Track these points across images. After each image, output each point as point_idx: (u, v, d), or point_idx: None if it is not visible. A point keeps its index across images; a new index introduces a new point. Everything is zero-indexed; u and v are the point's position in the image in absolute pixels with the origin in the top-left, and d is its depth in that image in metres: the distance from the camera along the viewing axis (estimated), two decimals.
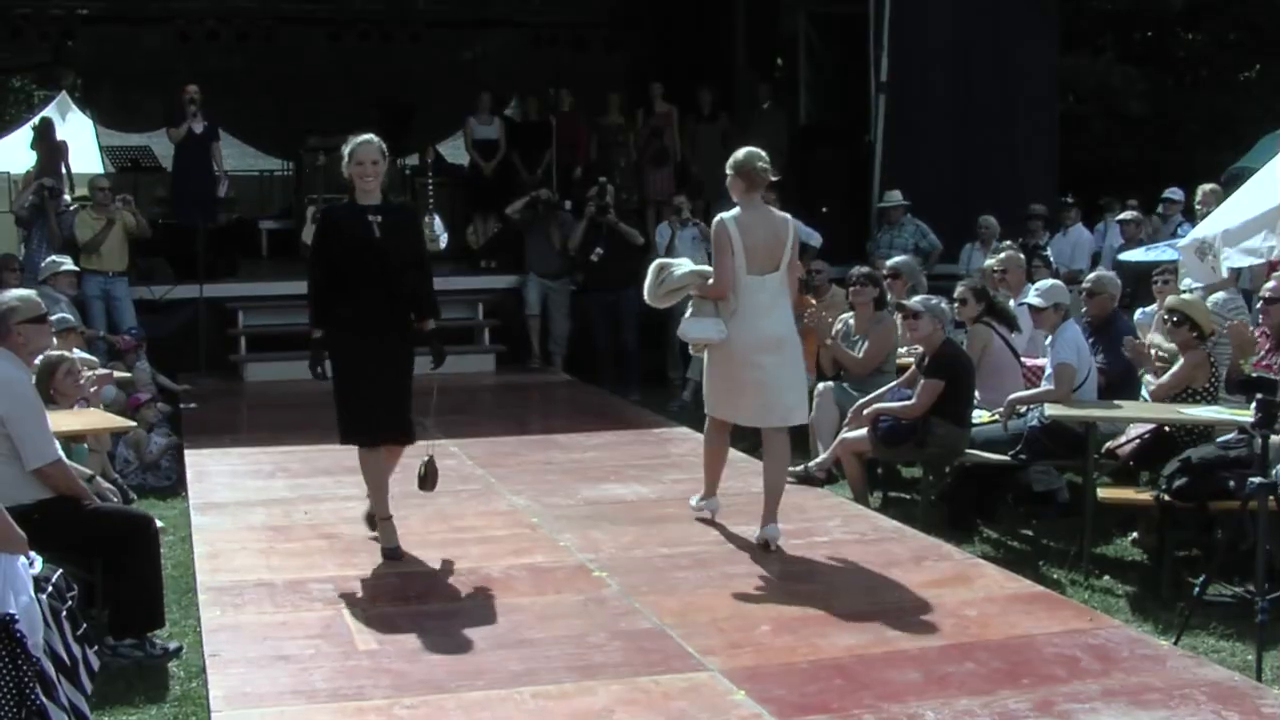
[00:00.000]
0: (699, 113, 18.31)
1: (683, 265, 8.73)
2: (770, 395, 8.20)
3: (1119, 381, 9.97)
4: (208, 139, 15.91)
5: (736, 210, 8.29)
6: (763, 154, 8.30)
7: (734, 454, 10.80)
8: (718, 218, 8.35)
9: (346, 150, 7.81)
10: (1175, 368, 9.16)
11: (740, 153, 8.36)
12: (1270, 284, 9.08)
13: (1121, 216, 15.67)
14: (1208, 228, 8.87)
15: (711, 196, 18.19)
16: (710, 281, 8.26)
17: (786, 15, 20.23)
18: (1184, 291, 10.06)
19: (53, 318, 10.03)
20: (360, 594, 7.29)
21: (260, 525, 8.77)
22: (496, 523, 8.80)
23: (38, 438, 6.72)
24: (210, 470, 10.39)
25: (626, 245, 15.35)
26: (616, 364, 15.20)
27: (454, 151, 20.75)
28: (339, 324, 7.77)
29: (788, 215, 8.61)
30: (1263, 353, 9.08)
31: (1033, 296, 9.72)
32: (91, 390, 9.73)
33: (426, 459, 8.32)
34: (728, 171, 8.36)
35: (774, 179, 8.48)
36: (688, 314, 8.47)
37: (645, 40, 22.21)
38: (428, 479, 8.35)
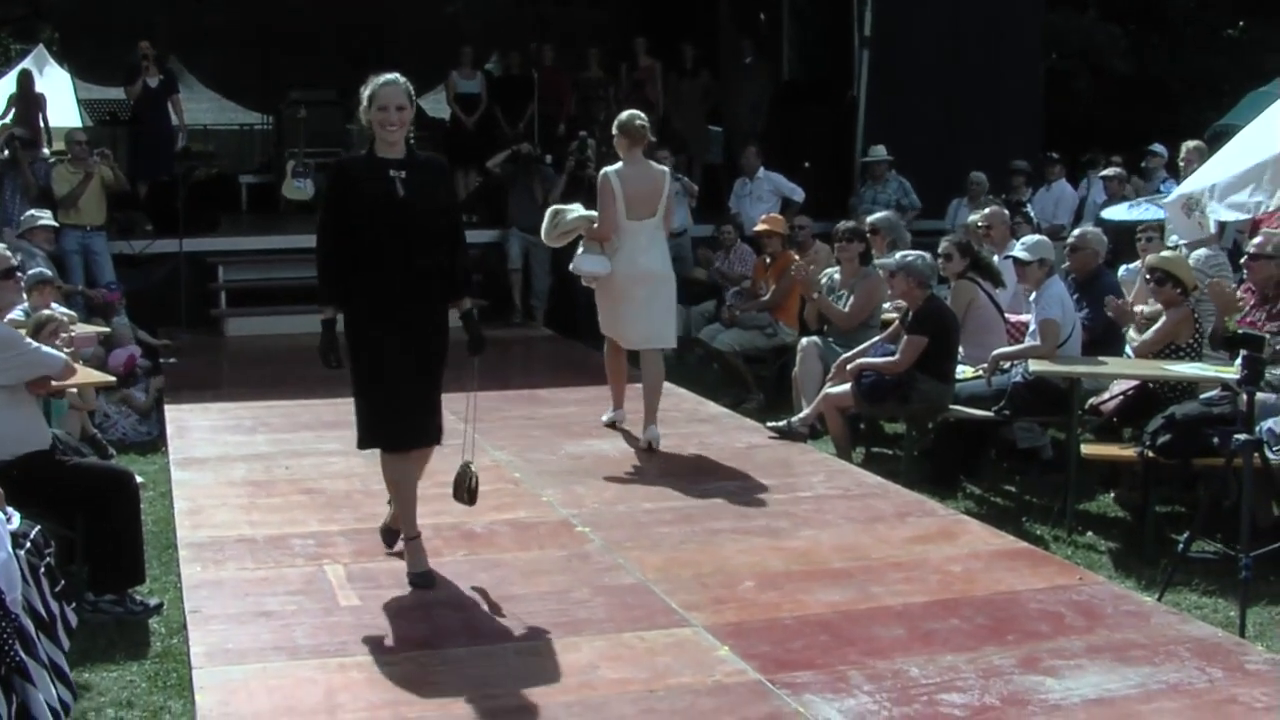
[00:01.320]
0: (681, 68, 18.26)
1: (574, 210, 9.96)
2: (644, 322, 9.69)
3: (1102, 338, 9.96)
4: (164, 93, 15.93)
5: (619, 165, 9.58)
6: (641, 115, 9.65)
7: (716, 408, 10.87)
8: (602, 172, 9.72)
9: (366, 93, 6.55)
10: (1159, 324, 9.14)
11: (623, 114, 9.69)
12: (1256, 239, 9.06)
13: (1105, 172, 15.64)
14: (1195, 183, 8.84)
15: (695, 151, 18.20)
16: (596, 226, 9.58)
17: None
18: (1169, 248, 10.04)
19: (30, 272, 9.96)
20: (342, 549, 7.25)
21: (241, 480, 8.72)
22: (480, 478, 8.75)
23: (39, 359, 7.04)
24: (191, 425, 10.34)
25: None
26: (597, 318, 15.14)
27: (435, 105, 20.64)
28: (354, 303, 6.53)
29: (666, 169, 9.93)
30: (1248, 309, 9.06)
31: (1018, 250, 9.69)
32: (69, 351, 9.65)
33: (462, 469, 7.18)
34: (614, 131, 9.62)
35: (652, 139, 9.87)
36: (579, 252, 9.78)
37: None
38: (464, 490, 7.17)
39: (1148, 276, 9.38)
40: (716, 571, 6.90)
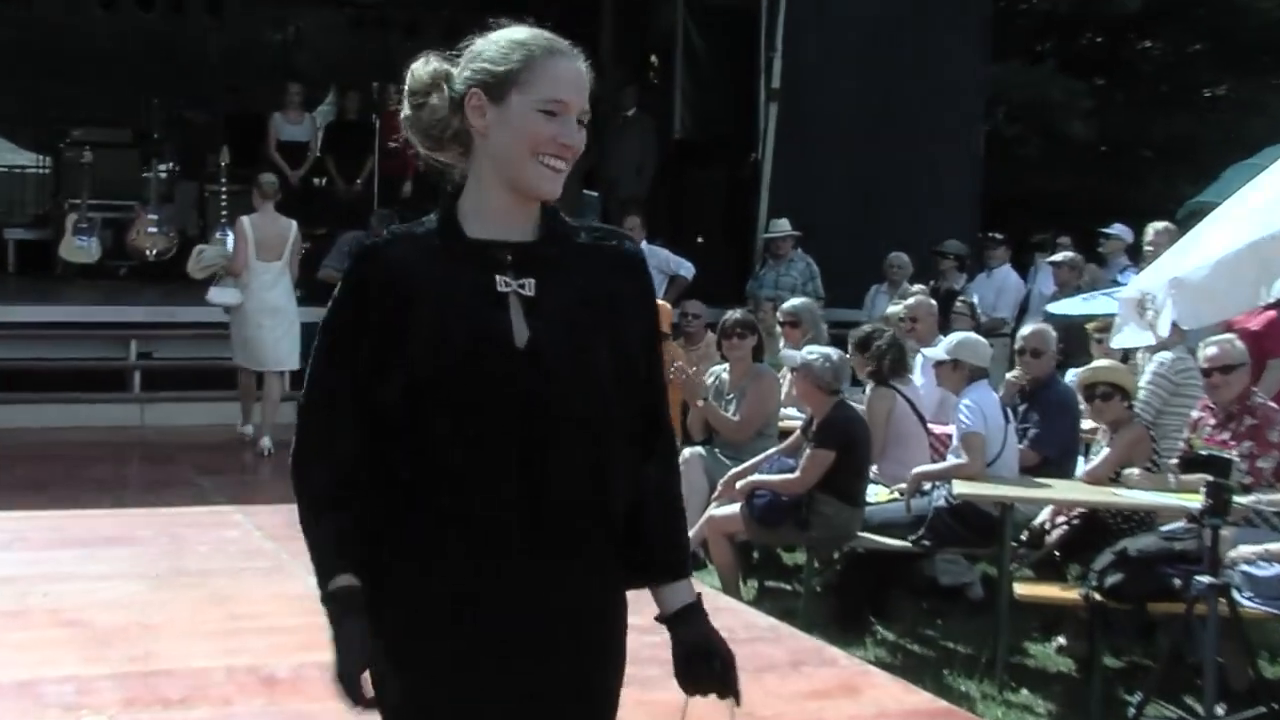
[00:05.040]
0: None
1: (213, 249, 14.55)
2: (269, 348, 13.85)
3: (1059, 459, 10.05)
4: None
5: (254, 214, 13.91)
6: (273, 176, 14.66)
7: None
8: (239, 219, 13.99)
9: (489, 62, 3.45)
10: (1106, 450, 9.27)
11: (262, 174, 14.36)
12: (1209, 351, 9.12)
13: (1054, 258, 15.77)
14: (1154, 275, 8.95)
15: (566, 213, 18.26)
16: (229, 263, 13.79)
17: (663, 7, 20.26)
18: (1117, 354, 10.20)
19: None
20: (108, 697, 7.14)
21: None
22: (287, 609, 8.62)
23: None
24: None
25: None
26: None
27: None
28: (396, 583, 3.41)
29: (292, 221, 14.12)
30: (1208, 428, 9.15)
31: (931, 348, 9.80)
32: None
33: None
34: (253, 187, 14.16)
35: (278, 198, 14.24)
36: (215, 284, 13.97)
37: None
38: None
39: (1087, 392, 9.46)
40: None
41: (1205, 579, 6.88)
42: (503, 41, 3.48)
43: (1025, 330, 10.67)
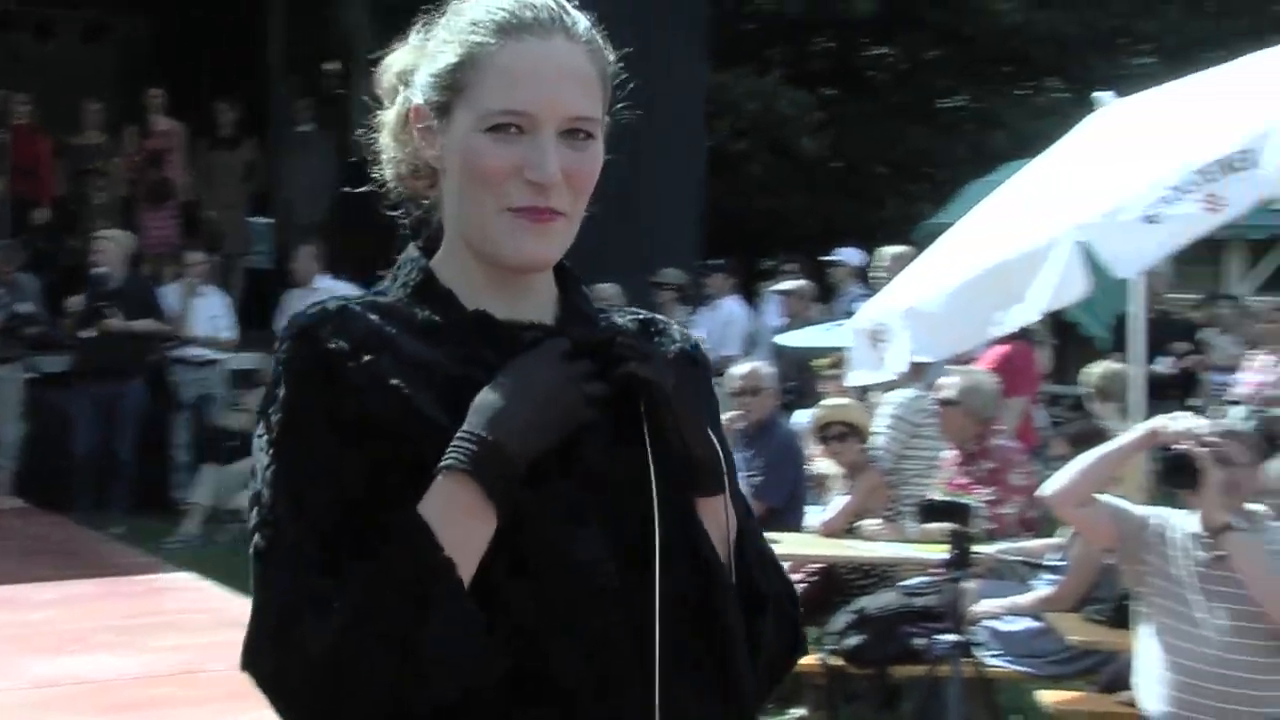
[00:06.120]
0: (215, 135, 18.19)
1: None
2: None
3: (786, 509, 10.16)
4: None
5: None
6: None
7: None
8: None
9: (441, 49, 2.51)
10: (842, 497, 9.46)
11: None
12: (942, 380, 9.34)
13: (781, 286, 15.88)
14: (887, 304, 9.09)
15: (233, 248, 18.08)
16: None
17: (343, 4, 20.16)
18: (852, 390, 10.37)
19: None
20: None
21: None
22: None
23: None
24: None
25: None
26: (99, 480, 14.81)
27: None
28: None
29: None
30: (953, 469, 9.34)
31: None
32: None
33: None
34: None
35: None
36: None
37: (143, 29, 21.95)
38: None
39: (822, 434, 9.66)
40: None
41: (948, 637, 7.03)
42: (454, 23, 2.52)
43: (739, 369, 10.76)
